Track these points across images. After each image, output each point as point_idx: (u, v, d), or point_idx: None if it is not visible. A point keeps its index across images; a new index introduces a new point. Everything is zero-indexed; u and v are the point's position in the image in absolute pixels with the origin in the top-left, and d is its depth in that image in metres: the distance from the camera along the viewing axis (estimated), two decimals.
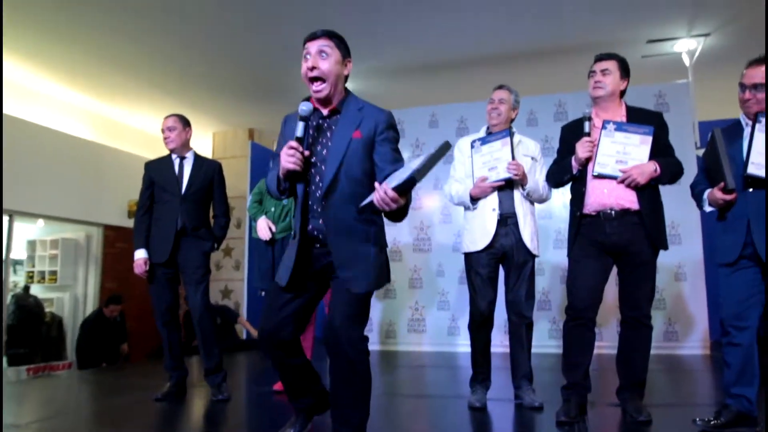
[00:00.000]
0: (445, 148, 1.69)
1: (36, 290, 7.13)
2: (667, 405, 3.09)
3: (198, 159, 3.59)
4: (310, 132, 2.00)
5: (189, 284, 3.41)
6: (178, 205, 3.41)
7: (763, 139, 2.40)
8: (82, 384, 4.51)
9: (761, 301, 2.48)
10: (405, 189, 1.74)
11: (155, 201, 3.50)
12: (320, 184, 1.96)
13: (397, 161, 2.00)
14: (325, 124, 2.02)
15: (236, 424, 3.06)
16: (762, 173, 2.39)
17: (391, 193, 1.74)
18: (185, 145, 3.55)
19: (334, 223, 1.94)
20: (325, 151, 1.98)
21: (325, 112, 2.03)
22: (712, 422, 2.45)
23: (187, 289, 3.43)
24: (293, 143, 1.90)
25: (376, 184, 1.79)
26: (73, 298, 7.12)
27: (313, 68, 1.95)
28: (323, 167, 1.96)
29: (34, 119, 6.24)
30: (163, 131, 3.53)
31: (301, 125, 1.92)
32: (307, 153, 1.93)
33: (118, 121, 7.51)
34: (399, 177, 1.74)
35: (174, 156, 3.54)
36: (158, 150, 7.72)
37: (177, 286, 3.52)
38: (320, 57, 1.96)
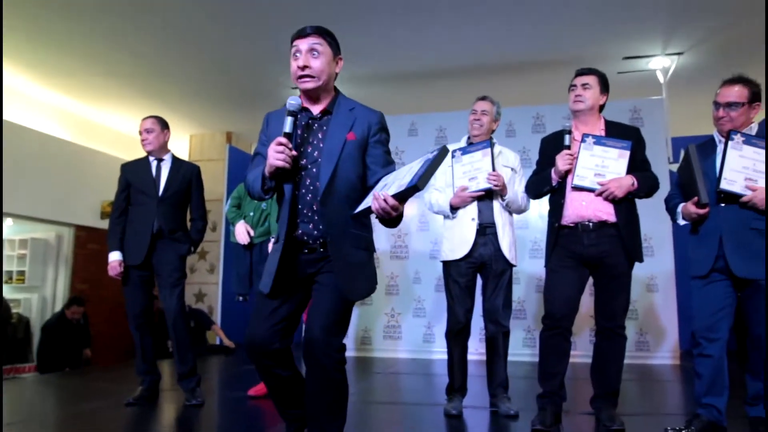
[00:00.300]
0: (443, 154, 1.63)
1: (3, 291, 6.94)
2: (639, 414, 3.14)
3: (176, 161, 3.55)
4: (299, 131, 1.91)
5: (164, 287, 3.37)
6: (155, 208, 3.36)
7: (735, 155, 2.48)
8: (50, 388, 4.40)
9: (731, 314, 2.56)
10: (406, 197, 1.67)
11: (131, 203, 3.45)
12: (311, 188, 1.87)
13: (389, 164, 1.96)
14: (316, 125, 1.93)
15: (210, 430, 3.02)
16: (734, 188, 2.46)
17: (392, 201, 1.66)
18: (163, 148, 3.51)
19: (331, 228, 1.85)
20: (316, 153, 1.89)
21: (315, 111, 1.94)
22: (683, 431, 2.50)
23: (162, 292, 3.39)
24: (282, 139, 1.78)
25: (375, 192, 1.72)
26: (41, 299, 6.96)
27: (305, 67, 1.87)
28: (315, 169, 1.87)
29: (6, 116, 6.11)
30: (140, 133, 3.49)
31: (289, 120, 1.82)
32: (294, 153, 1.82)
33: (93, 121, 7.39)
34: (398, 184, 1.68)
35: (151, 158, 3.50)
36: (134, 151, 7.59)
37: (151, 289, 3.48)
38: (311, 55, 1.88)
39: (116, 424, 3.02)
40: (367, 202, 1.77)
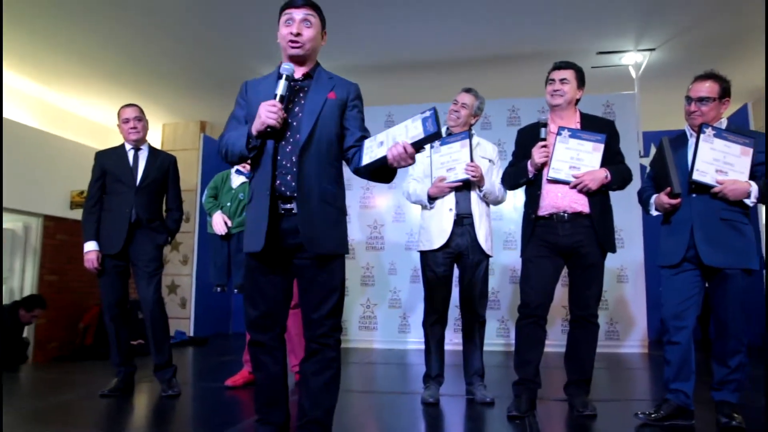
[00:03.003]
0: (435, 111, 1.81)
1: None
2: (610, 400, 3.24)
3: (153, 151, 3.52)
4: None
5: (141, 278, 3.33)
6: (132, 197, 3.33)
7: (707, 148, 2.56)
8: (22, 381, 4.32)
9: (699, 303, 2.65)
10: (423, 145, 1.83)
11: (107, 192, 3.39)
12: (291, 140, 1.94)
13: (365, 130, 2.07)
14: (297, 86, 2.02)
15: (187, 420, 3.02)
16: (706, 179, 2.54)
17: (411, 149, 1.80)
18: (145, 136, 3.48)
19: (306, 181, 1.92)
20: (297, 108, 1.97)
21: (298, 74, 2.02)
22: (652, 415, 2.59)
23: (138, 283, 3.35)
24: (274, 101, 1.87)
25: (396, 142, 1.82)
26: (8, 291, 6.79)
27: (298, 35, 1.97)
28: (296, 123, 1.96)
29: None
30: (127, 121, 3.42)
31: (282, 83, 1.90)
32: (284, 115, 1.90)
33: (62, 108, 7.21)
34: (409, 136, 1.82)
35: (128, 147, 3.45)
36: (104, 140, 7.43)
37: (127, 280, 3.43)
38: (304, 25, 1.98)
39: (92, 415, 2.99)
40: (376, 153, 1.87)
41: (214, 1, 4.69)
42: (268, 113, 1.85)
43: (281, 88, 1.90)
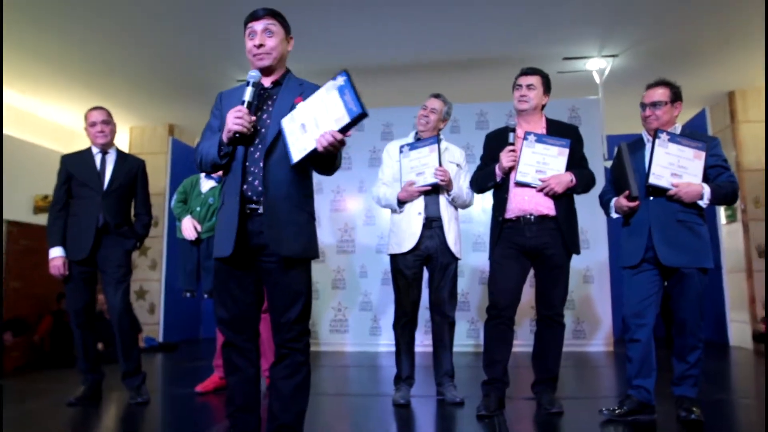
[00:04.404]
0: (349, 74, 1.82)
1: None
2: (576, 397, 3.33)
3: (121, 155, 3.47)
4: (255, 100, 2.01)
5: (109, 284, 3.29)
6: (100, 201, 3.28)
7: (662, 152, 2.66)
8: None
9: (658, 301, 2.75)
10: (351, 127, 1.81)
11: (72, 196, 3.34)
12: (259, 146, 1.97)
13: None
14: (266, 94, 2.05)
15: (157, 427, 2.99)
16: (662, 183, 2.64)
17: (339, 135, 1.80)
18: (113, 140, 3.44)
19: (272, 185, 1.95)
20: (265, 116, 2.00)
21: (267, 83, 2.06)
22: (616, 411, 2.68)
23: (106, 289, 3.31)
24: (242, 107, 1.91)
25: (321, 133, 1.81)
26: None
27: (260, 46, 2.00)
28: (263, 130, 1.99)
29: None
30: (94, 124, 3.37)
31: (249, 90, 1.94)
32: (253, 118, 1.92)
33: (25, 111, 7.04)
34: (332, 119, 1.80)
35: (95, 150, 3.40)
36: (68, 143, 7.28)
37: (94, 286, 3.38)
38: (266, 35, 2.01)
39: (58, 424, 2.94)
40: (304, 145, 1.86)
41: (182, 4, 4.66)
42: (233, 120, 1.89)
43: (248, 94, 1.94)
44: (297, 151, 1.87)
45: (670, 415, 2.69)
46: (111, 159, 3.41)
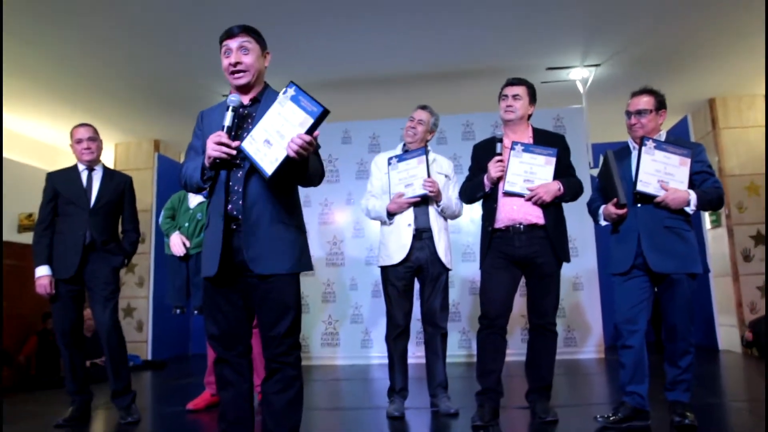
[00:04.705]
0: (294, 84, 1.89)
1: None
2: (570, 405, 3.33)
3: (107, 171, 3.45)
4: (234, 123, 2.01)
5: (97, 302, 3.25)
6: (87, 219, 3.25)
7: (649, 160, 2.69)
8: None
9: (649, 307, 2.77)
10: (316, 127, 1.84)
11: (59, 214, 3.31)
12: (241, 165, 1.97)
13: (318, 147, 2.07)
14: (245, 112, 2.05)
15: None
16: (649, 190, 2.67)
17: (307, 137, 1.81)
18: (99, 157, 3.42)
19: (253, 203, 1.95)
20: (245, 134, 1.97)
21: (245, 101, 2.06)
22: (611, 418, 2.69)
23: (94, 307, 3.27)
24: (222, 133, 1.91)
25: (289, 140, 1.82)
26: None
27: (237, 63, 2.00)
28: None
29: None
30: (80, 141, 3.35)
31: (229, 115, 1.95)
32: (236, 144, 1.91)
33: (7, 129, 6.97)
34: (292, 125, 1.84)
35: (82, 167, 3.37)
36: (51, 160, 7.20)
37: (82, 305, 3.34)
38: (242, 52, 2.01)
39: None
40: (275, 155, 1.85)
41: (165, 20, 4.65)
42: (213, 147, 1.89)
43: (227, 119, 1.95)
44: (269, 164, 1.86)
45: (664, 421, 2.70)
46: (98, 176, 3.39)
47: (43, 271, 3.21)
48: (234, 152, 1.90)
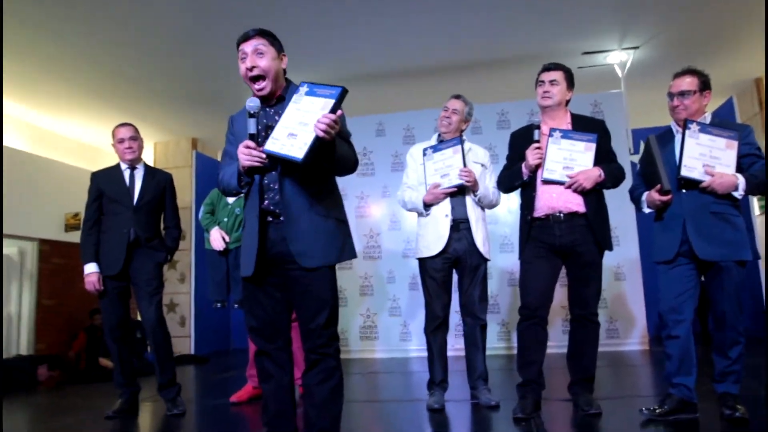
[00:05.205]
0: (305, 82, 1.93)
1: None
2: (614, 397, 3.25)
3: (149, 170, 3.53)
4: (260, 127, 2.01)
5: (142, 298, 3.33)
6: (131, 216, 3.33)
7: (693, 143, 2.59)
8: (21, 405, 4.29)
9: (695, 296, 2.67)
10: (338, 107, 1.86)
11: (104, 212, 3.40)
12: (276, 166, 1.98)
13: (347, 134, 2.11)
14: (272, 110, 2.07)
15: None
16: (694, 175, 2.58)
17: (331, 116, 1.82)
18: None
19: (291, 197, 1.97)
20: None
21: (270, 101, 2.08)
22: (657, 411, 2.61)
23: (140, 303, 3.36)
24: (249, 142, 1.92)
25: (316, 122, 1.83)
26: (6, 317, 6.74)
27: (252, 68, 2.01)
28: None
29: None
30: (122, 141, 3.44)
31: (252, 122, 1.95)
32: (262, 152, 1.92)
33: (52, 131, 7.21)
34: (323, 106, 1.86)
35: (124, 166, 3.46)
36: (94, 160, 7.40)
37: (128, 300, 3.43)
38: (257, 56, 2.01)
39: None
40: (306, 141, 1.85)
41: (202, 18, 4.72)
42: (244, 157, 1.92)
43: (251, 126, 1.95)
44: (298, 150, 1.86)
45: (713, 413, 2.61)
46: (139, 174, 3.47)
47: (91, 268, 3.31)
48: (265, 158, 1.92)
